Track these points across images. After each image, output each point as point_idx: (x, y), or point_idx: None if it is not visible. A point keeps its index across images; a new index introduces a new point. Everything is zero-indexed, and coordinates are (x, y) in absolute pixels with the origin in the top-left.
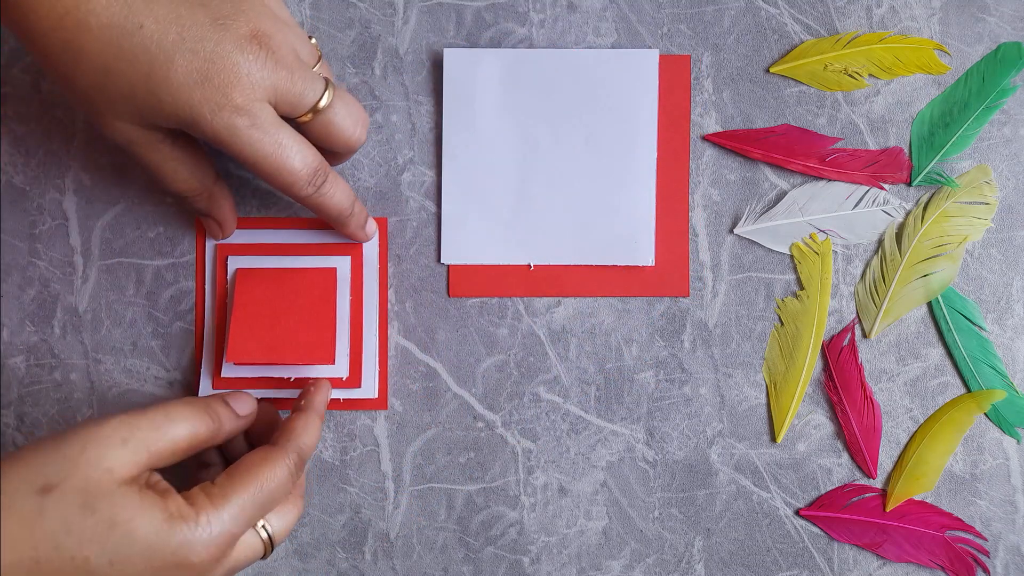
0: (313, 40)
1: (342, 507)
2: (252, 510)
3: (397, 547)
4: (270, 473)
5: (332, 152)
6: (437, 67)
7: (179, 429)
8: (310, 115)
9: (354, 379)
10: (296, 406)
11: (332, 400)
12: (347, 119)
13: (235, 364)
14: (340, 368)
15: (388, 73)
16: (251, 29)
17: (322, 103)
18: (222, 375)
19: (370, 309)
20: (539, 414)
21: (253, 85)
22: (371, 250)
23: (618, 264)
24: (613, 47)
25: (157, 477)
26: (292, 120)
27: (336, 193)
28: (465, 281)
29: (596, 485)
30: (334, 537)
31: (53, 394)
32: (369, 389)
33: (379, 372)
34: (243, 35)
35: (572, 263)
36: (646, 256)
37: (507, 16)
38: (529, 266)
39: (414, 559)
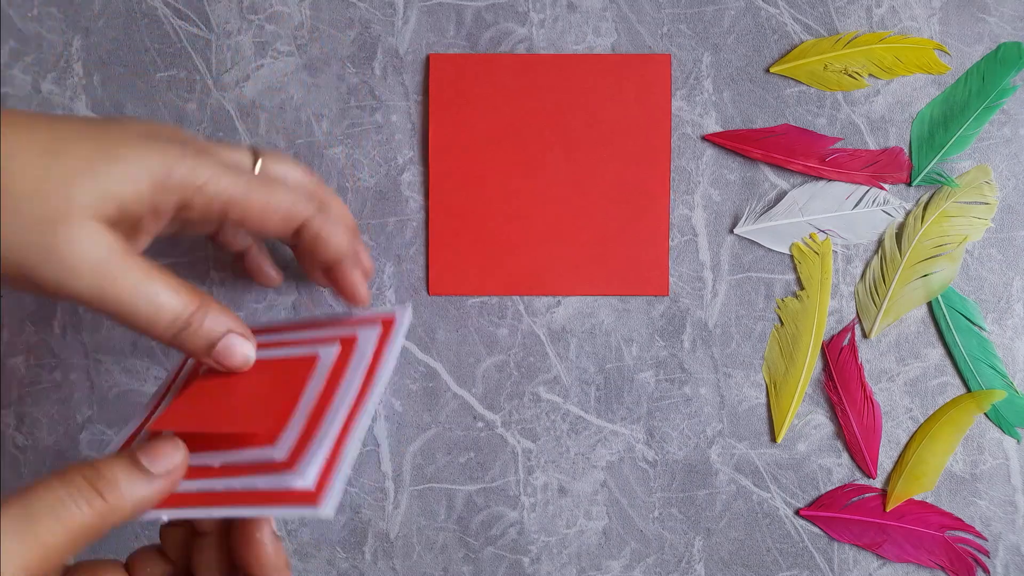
0: None
1: (342, 507)
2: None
3: (397, 547)
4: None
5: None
6: None
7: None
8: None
9: (290, 463)
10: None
11: (252, 494)
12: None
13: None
14: (279, 450)
15: (388, 73)
16: None
17: None
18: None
19: (343, 399)
20: (539, 414)
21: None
22: (367, 344)
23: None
24: (613, 47)
25: None
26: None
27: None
28: (448, 279)
29: (596, 485)
30: (334, 537)
31: (53, 394)
32: (304, 478)
33: (326, 464)
34: None
35: (557, 255)
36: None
37: (507, 16)
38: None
39: (414, 559)
